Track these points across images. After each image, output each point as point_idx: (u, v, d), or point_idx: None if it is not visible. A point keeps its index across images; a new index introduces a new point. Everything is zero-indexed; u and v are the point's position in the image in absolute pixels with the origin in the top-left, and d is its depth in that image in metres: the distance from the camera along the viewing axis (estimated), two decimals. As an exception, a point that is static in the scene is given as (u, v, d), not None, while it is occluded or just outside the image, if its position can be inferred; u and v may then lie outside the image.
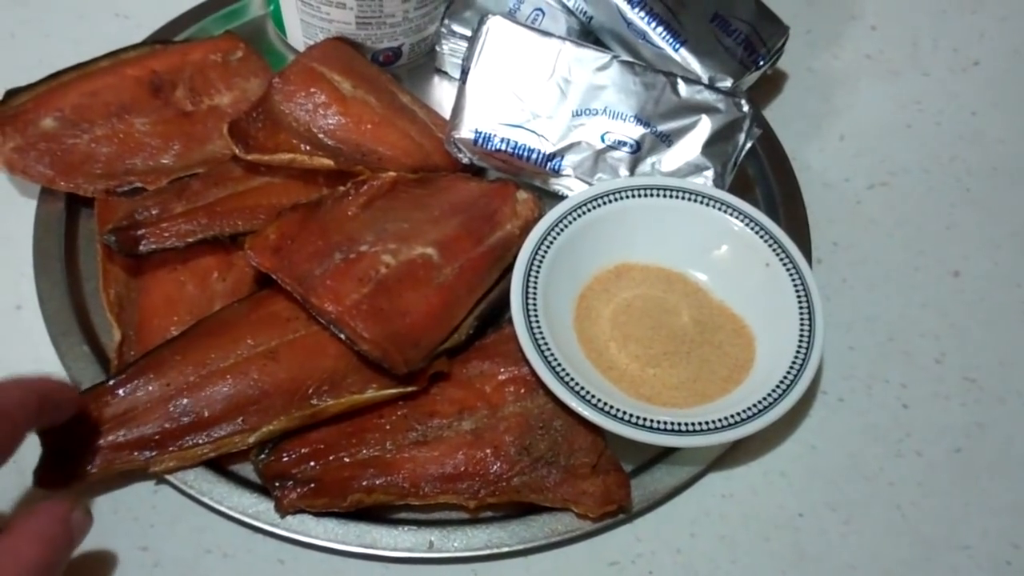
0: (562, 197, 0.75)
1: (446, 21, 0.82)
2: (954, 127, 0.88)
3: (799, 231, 0.78)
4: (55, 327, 0.70)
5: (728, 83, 0.78)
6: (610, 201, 0.73)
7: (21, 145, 0.74)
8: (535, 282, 0.69)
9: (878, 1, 0.96)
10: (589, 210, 0.73)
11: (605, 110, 0.75)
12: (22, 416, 0.56)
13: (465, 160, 0.77)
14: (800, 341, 0.68)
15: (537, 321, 0.67)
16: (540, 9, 0.83)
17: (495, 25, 0.76)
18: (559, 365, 0.65)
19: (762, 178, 0.82)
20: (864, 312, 0.76)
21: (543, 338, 0.67)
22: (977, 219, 0.82)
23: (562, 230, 0.71)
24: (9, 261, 0.74)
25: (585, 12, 0.81)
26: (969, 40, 0.94)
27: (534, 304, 0.68)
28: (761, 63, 0.81)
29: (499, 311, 0.71)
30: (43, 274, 0.72)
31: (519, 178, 0.77)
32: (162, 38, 0.84)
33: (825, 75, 0.90)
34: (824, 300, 0.75)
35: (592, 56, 0.75)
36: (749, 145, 0.75)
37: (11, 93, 0.76)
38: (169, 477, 0.64)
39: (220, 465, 0.65)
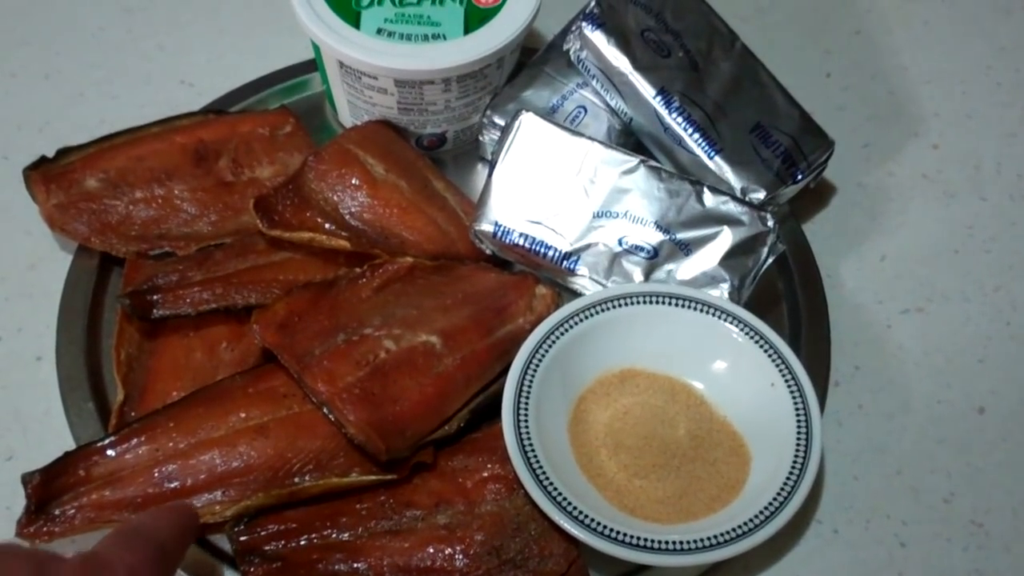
0: (582, 295, 0.75)
1: (488, 112, 0.83)
2: (1004, 256, 0.84)
3: (820, 351, 0.76)
4: (66, 382, 0.72)
5: (761, 195, 0.77)
6: (619, 306, 0.72)
7: (63, 202, 0.77)
8: (531, 381, 0.69)
9: (945, 120, 0.93)
10: (596, 312, 0.72)
11: (626, 214, 0.74)
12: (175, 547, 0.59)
13: (488, 251, 0.78)
14: (793, 467, 0.66)
15: (527, 420, 0.67)
16: (583, 107, 0.83)
17: (527, 121, 0.76)
18: (540, 468, 0.65)
19: (790, 293, 0.80)
20: (876, 442, 0.73)
21: (529, 438, 0.66)
22: (1013, 355, 0.78)
23: (567, 331, 0.71)
24: (38, 312, 0.77)
25: (626, 113, 0.81)
26: (1036, 167, 0.91)
27: (526, 403, 0.68)
28: (799, 177, 0.79)
29: (497, 405, 0.70)
30: (64, 328, 0.75)
31: (539, 273, 0.77)
32: (216, 108, 0.87)
33: (876, 191, 0.87)
34: (835, 426, 0.74)
35: (620, 159, 0.75)
36: (771, 261, 0.74)
37: (62, 152, 0.79)
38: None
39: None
